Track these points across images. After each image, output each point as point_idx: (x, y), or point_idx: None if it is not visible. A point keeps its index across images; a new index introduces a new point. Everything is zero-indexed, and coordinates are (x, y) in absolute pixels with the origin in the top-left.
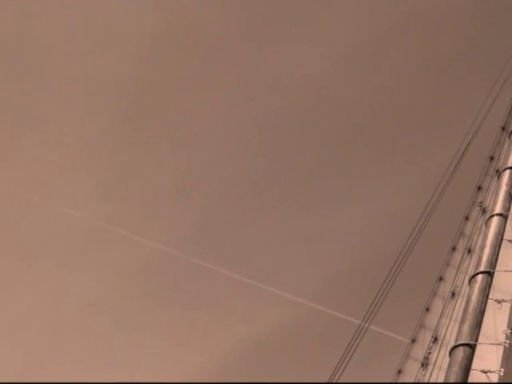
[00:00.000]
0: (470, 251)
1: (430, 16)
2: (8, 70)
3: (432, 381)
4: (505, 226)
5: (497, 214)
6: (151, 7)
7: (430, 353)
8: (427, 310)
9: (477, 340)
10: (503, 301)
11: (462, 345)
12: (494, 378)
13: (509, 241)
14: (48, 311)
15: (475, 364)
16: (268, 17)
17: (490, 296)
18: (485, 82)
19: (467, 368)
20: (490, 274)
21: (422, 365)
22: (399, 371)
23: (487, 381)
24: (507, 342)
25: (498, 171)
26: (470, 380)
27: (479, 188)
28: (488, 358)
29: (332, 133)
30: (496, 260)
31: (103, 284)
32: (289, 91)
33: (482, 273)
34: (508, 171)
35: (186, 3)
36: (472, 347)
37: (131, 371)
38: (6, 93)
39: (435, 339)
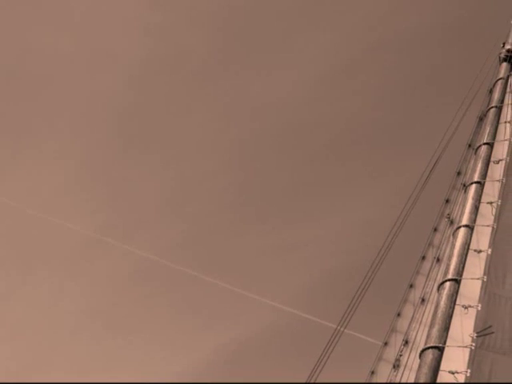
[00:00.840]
0: (438, 260)
1: (400, 40)
2: (9, 92)
3: (403, 381)
4: (471, 237)
5: (464, 226)
6: (141, 34)
7: (401, 355)
8: (399, 315)
9: (445, 343)
10: (469, 306)
11: (431, 347)
12: (461, 378)
13: (475, 250)
14: (44, 316)
15: (443, 365)
16: (248, 42)
17: (458, 302)
18: (453, 102)
19: (436, 369)
20: (457, 281)
21: (394, 366)
22: (372, 372)
23: (455, 381)
24: (473, 344)
25: (464, 185)
26: (438, 380)
27: (447, 201)
28: (455, 360)
29: (310, 150)
30: (463, 268)
31: (95, 290)
32: (270, 111)
33: (449, 280)
34: (474, 185)
35: (173, 31)
36: (440, 350)
37: (122, 372)
38: (7, 113)
39: (406, 342)
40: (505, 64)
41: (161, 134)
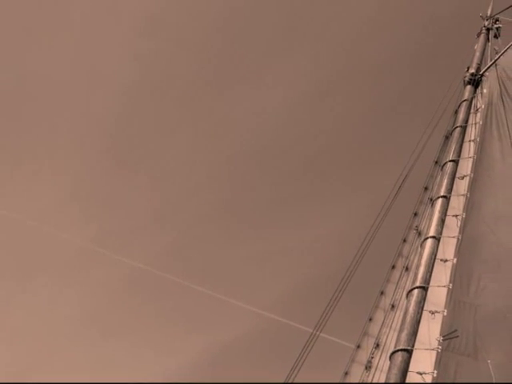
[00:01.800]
0: (407, 269)
1: (373, 65)
2: (7, 113)
3: (375, 381)
4: (437, 247)
5: (431, 237)
6: (130, 57)
7: (372, 357)
8: (370, 319)
9: (413, 346)
10: (436, 312)
11: (401, 350)
12: (428, 378)
13: (441, 260)
14: (42, 322)
15: (412, 367)
16: (232, 65)
17: (425, 308)
18: (420, 123)
19: (405, 370)
20: (424, 288)
21: (366, 367)
22: (346, 373)
23: (422, 381)
24: (440, 347)
25: (431, 200)
26: (407, 381)
27: (415, 214)
28: (423, 362)
29: (289, 167)
30: (430, 276)
31: (90, 298)
32: (253, 130)
33: (417, 288)
34: (440, 200)
35: (160, 56)
36: (409, 352)
37: (115, 374)
38: (6, 133)
39: (377, 345)
40: (469, 87)
41: (150, 150)
